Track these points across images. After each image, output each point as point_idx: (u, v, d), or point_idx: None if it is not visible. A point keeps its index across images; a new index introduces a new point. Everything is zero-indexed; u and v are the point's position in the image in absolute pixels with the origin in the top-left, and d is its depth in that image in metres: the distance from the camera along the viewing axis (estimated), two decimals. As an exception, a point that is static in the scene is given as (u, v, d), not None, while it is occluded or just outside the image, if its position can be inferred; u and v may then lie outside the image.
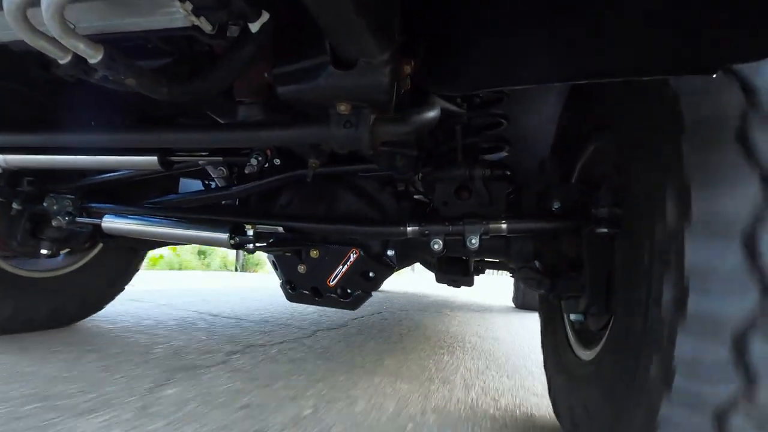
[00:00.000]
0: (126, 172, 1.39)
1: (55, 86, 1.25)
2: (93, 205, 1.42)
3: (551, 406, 1.26)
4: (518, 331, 3.11)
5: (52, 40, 0.62)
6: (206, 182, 1.75)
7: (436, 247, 1.10)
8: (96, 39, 0.64)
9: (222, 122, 1.11)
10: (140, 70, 0.71)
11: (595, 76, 0.72)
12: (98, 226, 1.39)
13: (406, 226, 1.11)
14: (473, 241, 1.07)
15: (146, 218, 1.35)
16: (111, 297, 2.10)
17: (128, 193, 1.53)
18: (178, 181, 1.82)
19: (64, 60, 0.66)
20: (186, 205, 1.44)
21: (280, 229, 1.26)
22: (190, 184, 1.80)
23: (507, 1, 0.75)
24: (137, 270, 2.18)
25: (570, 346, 1.19)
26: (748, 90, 0.64)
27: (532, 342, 2.59)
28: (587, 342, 1.09)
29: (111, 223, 1.37)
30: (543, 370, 1.40)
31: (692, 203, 0.65)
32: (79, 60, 0.65)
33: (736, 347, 0.62)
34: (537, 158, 1.51)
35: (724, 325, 0.63)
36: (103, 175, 1.43)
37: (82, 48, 0.62)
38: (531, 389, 1.65)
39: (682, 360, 0.66)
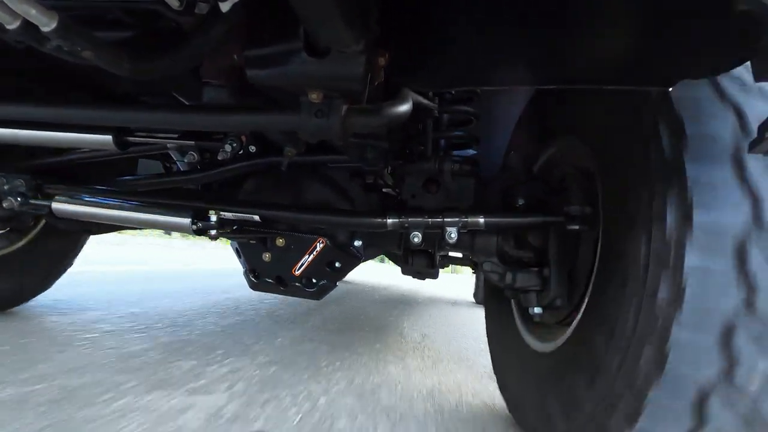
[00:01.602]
0: (83, 152, 1.31)
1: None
2: (47, 186, 1.34)
3: (504, 402, 1.31)
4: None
5: (0, 3, 0.57)
6: (167, 165, 1.68)
7: (415, 240, 1.11)
8: (50, 5, 0.59)
9: (187, 104, 1.07)
10: (99, 42, 0.67)
11: (564, 82, 0.75)
12: (49, 208, 1.31)
13: (386, 218, 1.12)
14: (452, 235, 1.09)
15: (102, 200, 1.29)
16: (51, 281, 1.97)
17: (86, 174, 1.45)
18: (137, 163, 1.74)
19: (12, 25, 0.60)
20: (146, 187, 1.37)
21: (256, 217, 1.23)
22: (151, 167, 1.72)
23: (483, 4, 0.77)
24: (79, 251, 2.06)
25: (522, 339, 1.24)
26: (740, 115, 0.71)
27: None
28: (543, 335, 1.14)
29: (63, 204, 1.29)
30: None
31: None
32: (29, 26, 0.60)
33: (723, 337, 0.68)
34: (502, 155, 1.55)
35: (715, 319, 0.69)
36: (57, 155, 1.35)
37: (33, 14, 0.57)
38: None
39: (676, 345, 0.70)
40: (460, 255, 1.95)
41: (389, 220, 1.11)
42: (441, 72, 0.82)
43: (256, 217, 1.24)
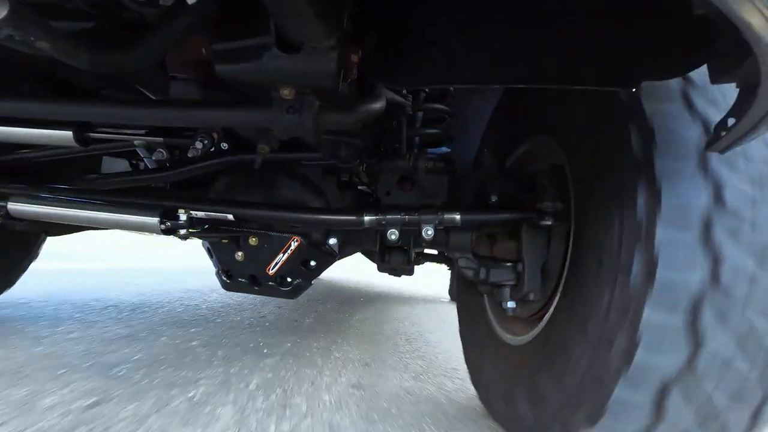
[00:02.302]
0: (42, 149, 1.24)
1: None
2: (1, 185, 1.26)
3: (477, 396, 1.33)
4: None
5: (-57, -11, 0.53)
6: (134, 162, 1.62)
7: (392, 237, 1.11)
8: (0, -8, 0.56)
9: (153, 98, 1.03)
10: (56, 33, 0.63)
11: (532, 81, 0.77)
12: (4, 208, 1.24)
13: (363, 216, 1.11)
14: (429, 232, 1.09)
15: (64, 200, 1.22)
16: (12, 279, 1.88)
17: (43, 173, 1.38)
18: (101, 161, 1.66)
19: (-42, 13, 0.57)
20: (111, 186, 1.32)
21: (229, 215, 1.19)
22: (116, 165, 1.66)
23: (457, 4, 0.78)
24: (37, 254, 1.97)
25: (495, 333, 1.26)
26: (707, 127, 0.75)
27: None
28: (515, 329, 1.16)
29: (20, 205, 1.22)
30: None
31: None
32: (-23, 15, 0.57)
33: (690, 316, 0.72)
34: (474, 153, 1.58)
35: (682, 300, 0.72)
36: (14, 152, 1.27)
37: (-19, 1, 0.54)
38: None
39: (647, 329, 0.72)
40: (435, 252, 1.97)
41: (366, 218, 1.11)
42: (415, 70, 0.82)
43: (229, 216, 1.21)
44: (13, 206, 1.22)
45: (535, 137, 1.18)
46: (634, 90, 0.79)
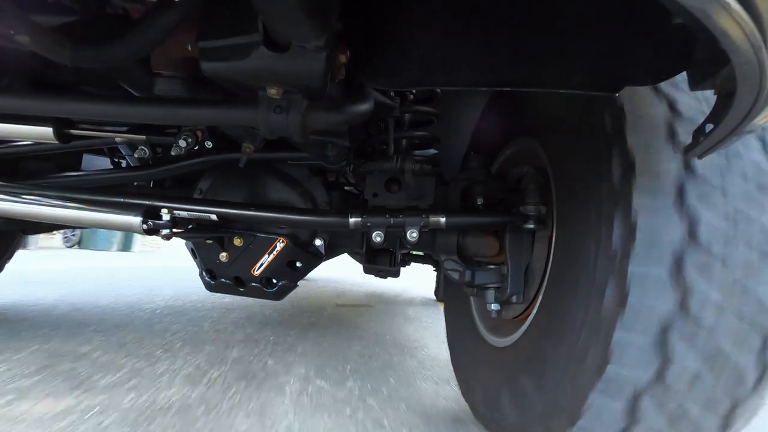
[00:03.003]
0: (19, 145, 1.21)
1: None
2: None
3: (462, 396, 1.34)
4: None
5: None
6: (115, 160, 1.58)
7: (377, 239, 1.11)
8: (-22, -16, 0.54)
9: (136, 95, 1.01)
10: (37, 27, 0.62)
11: (516, 85, 0.78)
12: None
13: (348, 217, 1.11)
14: (413, 234, 1.09)
15: (42, 198, 1.19)
16: None
17: (20, 170, 1.34)
18: (81, 158, 1.63)
19: (-66, 4, 0.55)
20: (91, 184, 1.29)
21: (213, 215, 1.18)
22: (95, 162, 1.62)
23: (442, 7, 0.78)
24: (12, 255, 1.91)
25: (480, 335, 1.27)
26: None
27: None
28: (500, 331, 1.17)
29: (-5, 202, 1.19)
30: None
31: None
32: (-47, 6, 0.55)
33: (660, 337, 0.73)
34: (461, 156, 1.59)
35: (653, 318, 0.73)
36: None
37: (-42, -7, 0.52)
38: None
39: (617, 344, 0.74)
40: (421, 253, 1.98)
41: (351, 220, 1.11)
42: (402, 71, 0.83)
43: (213, 216, 1.19)
44: (-12, 204, 1.19)
45: (519, 139, 1.20)
46: (617, 96, 0.80)
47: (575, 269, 0.86)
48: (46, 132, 1.04)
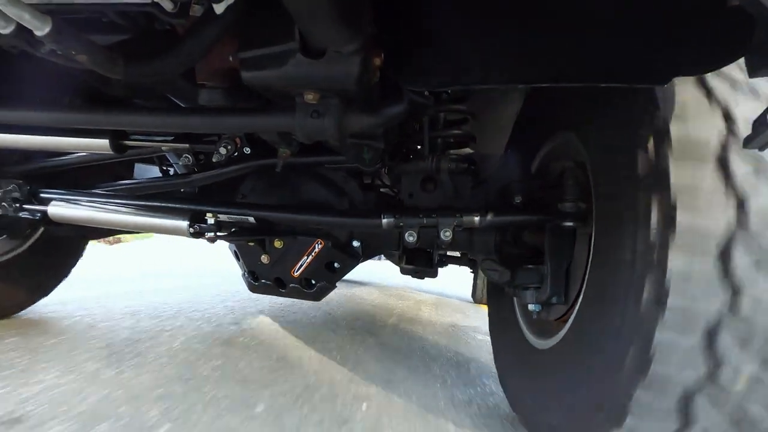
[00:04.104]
0: (78, 156, 1.30)
1: None
2: (42, 191, 1.33)
3: (506, 399, 1.31)
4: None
5: (-7, 8, 0.57)
6: (164, 168, 1.67)
7: (410, 239, 1.11)
8: (44, 9, 0.59)
9: (182, 106, 1.07)
10: (93, 46, 0.66)
11: (556, 80, 0.76)
12: (45, 213, 1.30)
13: (381, 218, 1.11)
14: (447, 233, 1.08)
15: (98, 205, 1.28)
16: (50, 288, 1.95)
17: (79, 179, 1.44)
18: (133, 166, 1.73)
19: (6, 30, 0.60)
20: (142, 191, 1.37)
21: (250, 219, 1.22)
22: (146, 171, 1.72)
23: (475, 5, 0.77)
24: (80, 257, 2.04)
25: (524, 336, 1.24)
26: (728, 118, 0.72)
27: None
28: (542, 332, 1.14)
29: (59, 209, 1.29)
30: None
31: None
32: (23, 31, 0.60)
33: (707, 338, 0.69)
34: (498, 154, 1.56)
35: (698, 319, 0.69)
36: (53, 159, 1.34)
37: (27, 18, 0.57)
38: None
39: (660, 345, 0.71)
40: (458, 254, 1.96)
41: (384, 220, 1.11)
42: (437, 71, 0.82)
43: (251, 219, 1.24)
44: (52, 210, 1.29)
45: (559, 135, 1.16)
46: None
47: (612, 269, 0.83)
48: (102, 143, 1.12)
